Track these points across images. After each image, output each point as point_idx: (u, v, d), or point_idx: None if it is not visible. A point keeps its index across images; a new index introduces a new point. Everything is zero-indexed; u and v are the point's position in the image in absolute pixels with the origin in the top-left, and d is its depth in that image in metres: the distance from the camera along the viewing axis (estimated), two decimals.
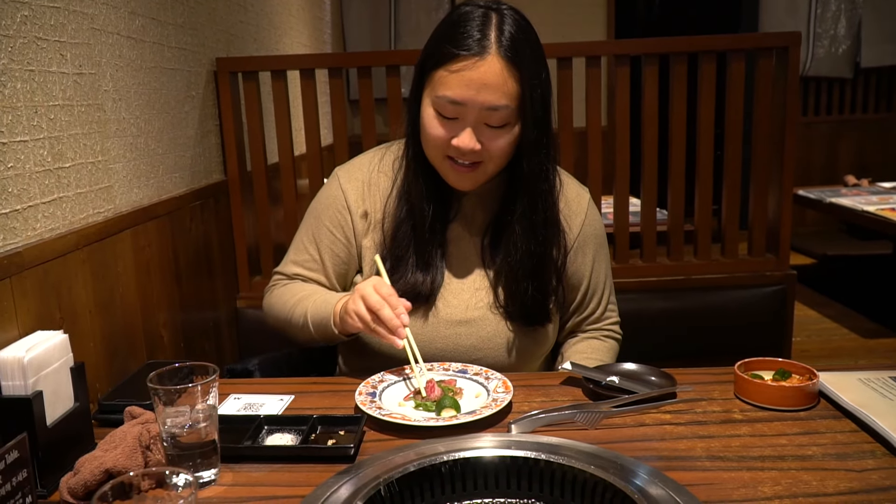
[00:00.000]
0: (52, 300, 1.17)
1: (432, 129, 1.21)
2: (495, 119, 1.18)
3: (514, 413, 1.09)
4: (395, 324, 1.15)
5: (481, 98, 1.15)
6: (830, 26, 4.86)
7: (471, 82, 1.15)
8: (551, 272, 1.32)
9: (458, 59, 1.15)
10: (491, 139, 1.19)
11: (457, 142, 1.18)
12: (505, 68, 1.15)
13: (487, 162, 1.22)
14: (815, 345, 3.28)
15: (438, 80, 1.18)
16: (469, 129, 1.18)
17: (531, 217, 1.27)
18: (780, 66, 2.07)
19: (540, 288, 1.30)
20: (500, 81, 1.15)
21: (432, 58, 1.20)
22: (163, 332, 1.62)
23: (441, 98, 1.17)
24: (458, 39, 1.16)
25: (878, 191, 3.72)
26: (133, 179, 1.52)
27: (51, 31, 1.22)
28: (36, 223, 1.17)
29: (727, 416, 1.07)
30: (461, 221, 1.33)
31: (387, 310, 1.15)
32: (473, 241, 1.33)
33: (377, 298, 1.16)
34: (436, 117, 1.20)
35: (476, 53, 1.14)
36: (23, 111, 1.13)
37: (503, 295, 1.30)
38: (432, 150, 1.24)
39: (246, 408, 1.15)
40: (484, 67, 1.14)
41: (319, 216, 1.36)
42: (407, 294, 1.26)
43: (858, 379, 1.14)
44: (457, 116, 1.18)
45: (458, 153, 1.20)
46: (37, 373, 0.96)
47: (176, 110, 1.77)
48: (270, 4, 2.75)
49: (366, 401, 1.10)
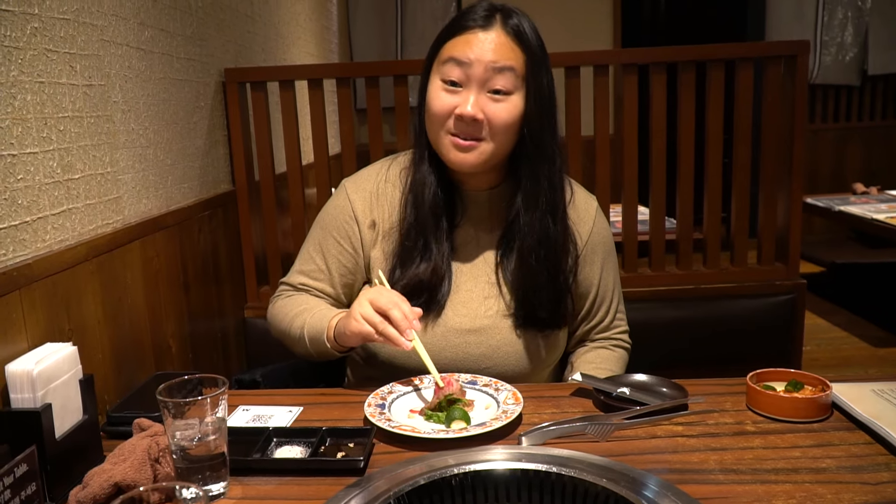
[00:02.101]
0: (61, 312, 1.17)
1: (436, 101, 1.22)
2: (500, 82, 1.19)
3: (525, 425, 1.09)
4: (405, 325, 1.14)
5: (487, 56, 1.19)
6: (837, 34, 4.85)
7: (477, 43, 1.19)
8: (563, 267, 1.31)
9: (465, 30, 1.21)
10: (495, 109, 1.20)
11: (460, 109, 1.20)
12: (510, 39, 1.20)
13: (489, 139, 1.22)
14: (825, 353, 3.26)
15: (444, 50, 1.23)
16: (473, 96, 1.20)
17: (535, 198, 1.26)
18: (788, 75, 2.06)
19: (551, 289, 1.29)
20: (506, 48, 1.20)
21: (440, 37, 1.25)
22: (171, 342, 1.61)
23: (447, 62, 1.21)
24: (466, 16, 1.23)
25: (887, 199, 3.69)
26: (142, 190, 1.52)
27: (61, 43, 1.22)
28: (45, 235, 1.17)
29: (740, 428, 1.06)
30: (469, 228, 1.33)
31: (397, 310, 1.14)
32: (482, 247, 1.33)
33: (388, 299, 1.16)
34: (441, 88, 1.22)
35: (482, 26, 1.20)
36: (33, 123, 1.14)
37: (513, 302, 1.29)
38: (435, 125, 1.24)
39: (254, 419, 1.14)
40: (489, 36, 1.20)
41: (326, 226, 1.36)
42: (415, 302, 1.26)
43: (872, 390, 1.13)
44: (462, 82, 1.20)
45: (461, 125, 1.21)
46: (46, 385, 0.96)
47: (184, 121, 1.77)
48: (278, 15, 2.76)
49: (375, 412, 1.10)
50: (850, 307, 3.80)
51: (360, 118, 4.56)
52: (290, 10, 2.97)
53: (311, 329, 1.28)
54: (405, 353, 1.27)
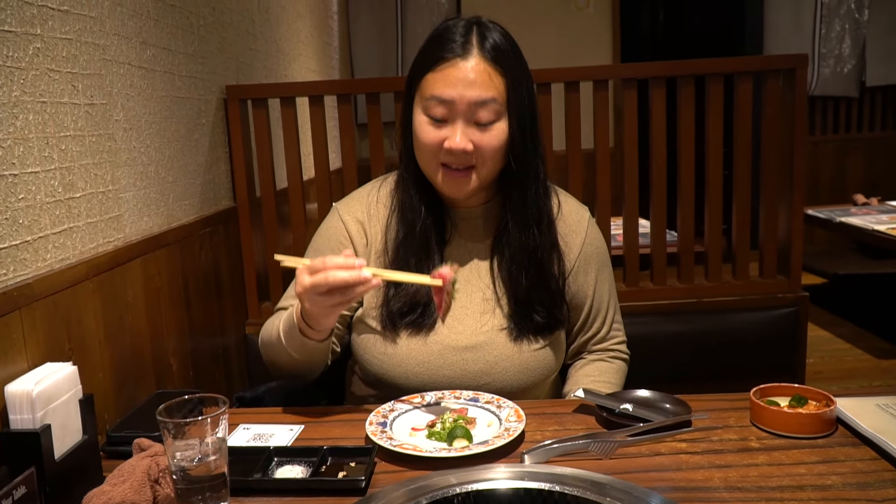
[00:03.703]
0: (61, 331, 1.17)
1: (424, 135, 1.23)
2: (484, 115, 1.20)
3: (527, 442, 1.08)
4: (350, 264, 1.07)
5: (468, 94, 1.19)
6: (835, 46, 4.87)
7: (457, 80, 1.19)
8: (553, 272, 1.31)
9: (443, 62, 1.20)
10: (482, 139, 1.21)
11: (448, 143, 1.20)
12: (489, 66, 1.20)
13: (480, 166, 1.23)
14: (828, 366, 3.25)
15: (425, 85, 1.22)
16: (460, 129, 1.20)
17: (523, 212, 1.27)
18: (787, 88, 2.07)
19: (545, 294, 1.29)
20: (485, 78, 1.20)
21: (418, 67, 1.25)
22: (172, 360, 1.61)
23: (430, 100, 1.21)
24: (442, 45, 1.22)
25: (887, 209, 3.70)
26: (143, 208, 1.52)
27: (63, 63, 1.23)
28: (46, 254, 1.17)
29: (744, 445, 1.05)
30: (461, 244, 1.33)
31: (329, 260, 1.07)
32: (475, 263, 1.33)
33: (317, 260, 1.09)
34: (427, 122, 1.22)
35: (459, 55, 1.20)
36: (34, 142, 1.14)
37: (509, 313, 1.29)
38: (426, 156, 1.25)
39: (255, 438, 1.14)
40: (468, 66, 1.19)
41: (320, 248, 1.36)
42: (410, 321, 1.26)
43: (876, 404, 1.12)
44: (446, 118, 1.21)
45: (452, 157, 1.21)
46: (45, 406, 0.96)
47: (186, 138, 1.78)
48: (279, 32, 2.77)
49: (376, 431, 1.09)
50: (853, 318, 3.80)
51: (360, 132, 4.57)
52: (291, 27, 2.99)
53: (285, 323, 1.25)
54: (404, 371, 1.27)
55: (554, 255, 1.33)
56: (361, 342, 1.33)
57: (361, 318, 1.34)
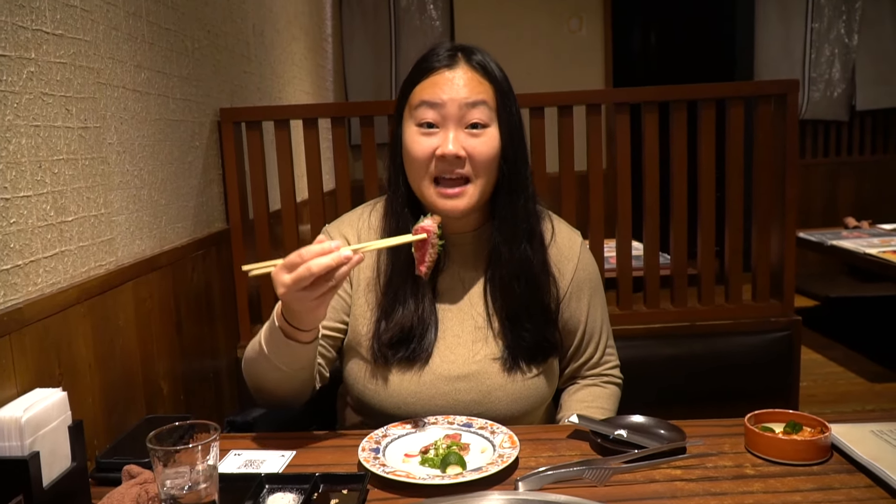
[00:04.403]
0: (51, 356, 1.16)
1: (416, 146, 1.22)
2: (476, 115, 1.21)
3: (522, 469, 1.07)
4: (326, 248, 1.03)
5: (458, 95, 1.20)
6: (825, 70, 4.93)
7: (446, 83, 1.21)
8: (545, 295, 1.30)
9: (431, 72, 1.23)
10: (475, 146, 1.21)
11: (441, 150, 1.20)
12: (476, 75, 1.23)
13: (474, 178, 1.22)
14: (821, 389, 3.25)
15: (415, 95, 1.23)
16: (452, 134, 1.20)
17: (513, 226, 1.27)
18: (778, 113, 2.09)
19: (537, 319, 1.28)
20: (475, 83, 1.22)
21: (407, 83, 1.26)
22: (163, 384, 1.60)
23: (420, 106, 1.21)
24: (430, 59, 1.25)
25: (878, 233, 3.72)
26: (135, 231, 1.52)
27: (57, 87, 1.23)
28: (37, 278, 1.16)
29: (739, 472, 1.05)
30: (454, 272, 1.32)
31: (305, 251, 1.03)
32: (467, 290, 1.32)
33: (293, 254, 1.04)
34: (418, 132, 1.22)
35: (447, 65, 1.22)
36: (27, 166, 1.14)
37: (502, 342, 1.28)
38: (418, 171, 1.23)
39: (246, 465, 1.13)
40: (456, 74, 1.22)
41: None
42: (402, 351, 1.24)
43: (871, 431, 1.12)
44: (438, 123, 1.21)
45: (444, 164, 1.20)
46: (34, 433, 0.94)
47: (179, 161, 1.78)
48: (274, 55, 2.79)
49: (369, 457, 1.08)
50: (845, 341, 3.81)
51: (354, 153, 4.59)
52: (285, 49, 3.01)
53: (265, 333, 1.19)
54: (395, 402, 1.26)
55: (546, 276, 1.32)
56: (352, 371, 1.32)
57: (352, 346, 1.32)
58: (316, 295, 1.05)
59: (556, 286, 1.33)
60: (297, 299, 1.07)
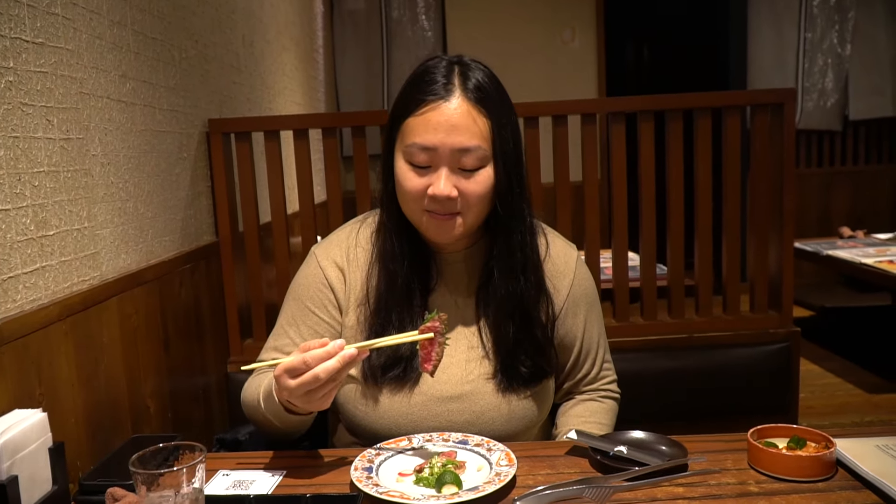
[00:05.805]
0: (31, 375, 1.12)
1: (407, 182, 1.18)
2: (469, 161, 1.15)
3: (520, 487, 1.04)
4: (330, 351, 1.02)
5: (451, 140, 1.13)
6: (818, 80, 4.94)
7: (439, 125, 1.14)
8: (540, 320, 1.27)
9: (424, 104, 1.15)
10: (467, 185, 1.16)
11: (433, 190, 1.15)
12: (472, 109, 1.14)
13: (466, 212, 1.18)
14: (819, 401, 3.22)
15: (407, 129, 1.17)
16: (444, 176, 1.15)
17: (508, 259, 1.23)
18: (775, 122, 2.07)
19: (532, 343, 1.25)
20: (469, 122, 1.14)
21: (399, 109, 1.20)
22: (149, 402, 1.55)
23: (411, 146, 1.16)
24: (423, 86, 1.16)
25: (874, 242, 3.71)
26: (121, 245, 1.48)
27: (37, 97, 1.20)
28: (16, 294, 1.12)
29: (743, 489, 1.01)
30: (446, 292, 1.29)
31: (311, 354, 1.03)
32: (460, 310, 1.28)
33: (293, 358, 1.04)
34: (410, 169, 1.17)
35: (441, 97, 1.14)
36: (5, 179, 1.10)
37: (496, 362, 1.25)
38: (410, 203, 1.20)
39: (235, 486, 1.09)
40: (450, 109, 1.14)
41: (300, 297, 1.30)
42: (393, 377, 1.21)
43: (876, 445, 1.09)
44: (430, 164, 1.16)
45: (436, 204, 1.17)
46: (12, 456, 0.91)
47: (167, 173, 1.74)
48: (264, 65, 2.76)
49: (362, 477, 1.05)
50: (842, 352, 3.79)
51: (346, 165, 4.57)
52: (276, 60, 2.98)
53: (265, 389, 1.18)
54: (387, 424, 1.23)
55: (541, 300, 1.28)
56: (343, 391, 1.28)
57: None
58: (321, 394, 1.05)
59: (551, 303, 1.30)
60: (303, 401, 1.07)
